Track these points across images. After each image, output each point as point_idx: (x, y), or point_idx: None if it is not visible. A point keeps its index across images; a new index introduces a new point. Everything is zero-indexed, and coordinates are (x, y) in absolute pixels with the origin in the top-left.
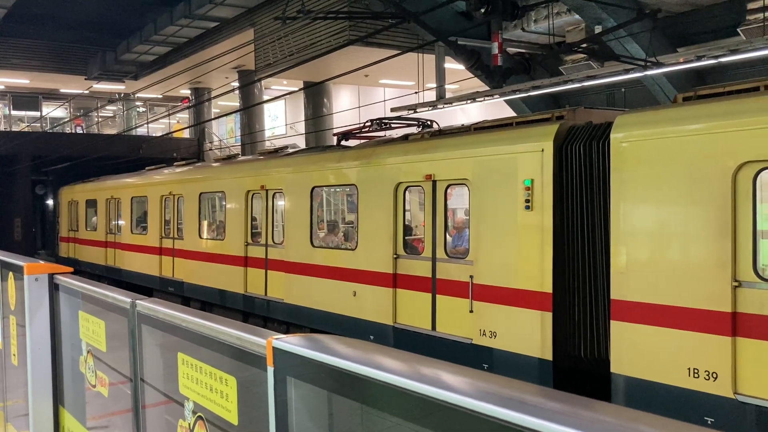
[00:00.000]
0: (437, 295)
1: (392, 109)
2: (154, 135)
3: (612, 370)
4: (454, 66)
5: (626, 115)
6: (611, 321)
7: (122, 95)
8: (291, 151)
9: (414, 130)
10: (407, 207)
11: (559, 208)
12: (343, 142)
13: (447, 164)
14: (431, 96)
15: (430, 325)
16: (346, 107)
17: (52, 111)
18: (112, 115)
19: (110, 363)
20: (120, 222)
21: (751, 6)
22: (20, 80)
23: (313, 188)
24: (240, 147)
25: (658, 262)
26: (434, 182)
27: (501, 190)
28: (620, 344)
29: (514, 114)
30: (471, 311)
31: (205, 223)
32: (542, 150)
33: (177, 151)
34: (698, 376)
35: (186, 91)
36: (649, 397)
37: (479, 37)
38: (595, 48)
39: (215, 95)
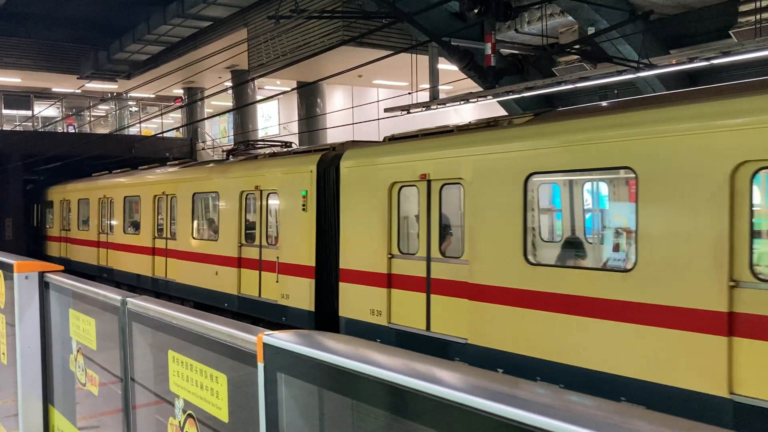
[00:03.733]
0: (262, 272)
1: (385, 110)
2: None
3: (339, 314)
4: (447, 67)
5: (352, 149)
6: (339, 282)
7: (114, 94)
8: (190, 163)
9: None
10: (251, 209)
11: (321, 210)
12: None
13: (267, 177)
14: (425, 96)
15: (258, 293)
16: (340, 107)
17: (44, 110)
18: (104, 114)
19: (100, 361)
20: (70, 220)
21: (743, 9)
22: (12, 79)
23: (194, 194)
24: (232, 147)
25: (358, 242)
26: (261, 191)
27: (292, 198)
28: (343, 297)
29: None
30: (277, 281)
31: (127, 222)
32: (311, 171)
33: (170, 151)
34: (375, 314)
35: (179, 91)
36: (354, 330)
37: (472, 38)
38: (588, 49)
39: (208, 95)
